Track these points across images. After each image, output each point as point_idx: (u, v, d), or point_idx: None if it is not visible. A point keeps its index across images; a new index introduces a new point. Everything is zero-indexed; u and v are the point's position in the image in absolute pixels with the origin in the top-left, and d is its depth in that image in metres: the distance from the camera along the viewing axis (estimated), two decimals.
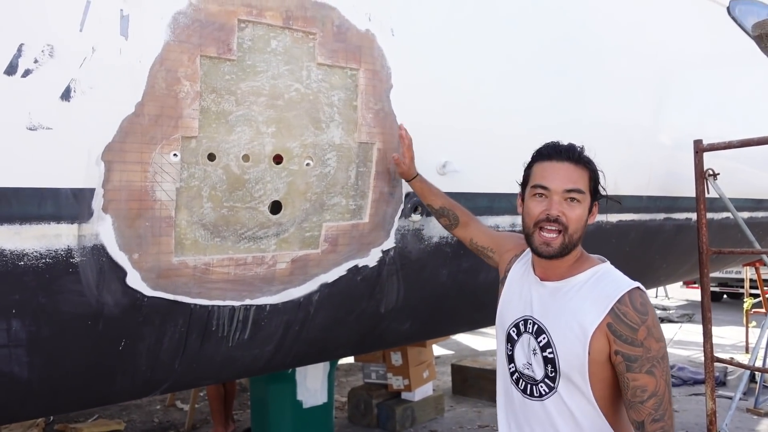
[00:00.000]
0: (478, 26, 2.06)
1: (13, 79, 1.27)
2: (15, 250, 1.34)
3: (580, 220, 1.35)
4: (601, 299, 1.30)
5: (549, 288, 1.40)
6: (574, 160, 1.38)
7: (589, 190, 1.38)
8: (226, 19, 1.52)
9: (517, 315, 1.45)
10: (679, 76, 2.95)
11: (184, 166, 1.52)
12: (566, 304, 1.35)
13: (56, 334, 1.48)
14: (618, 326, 1.27)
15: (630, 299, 1.29)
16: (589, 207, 1.38)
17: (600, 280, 1.35)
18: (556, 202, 1.35)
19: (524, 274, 1.50)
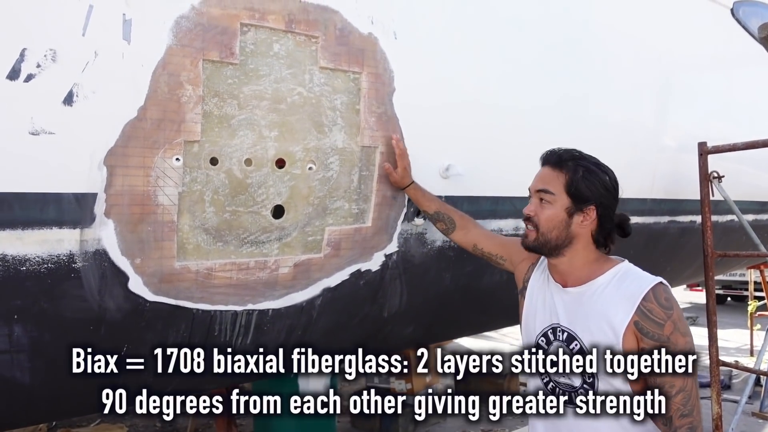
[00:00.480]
0: (481, 29, 2.05)
1: (16, 83, 1.27)
2: (17, 255, 1.34)
3: (550, 220, 1.41)
4: (627, 298, 1.32)
5: (572, 294, 1.42)
6: (551, 164, 1.46)
7: (566, 192, 1.41)
8: (228, 23, 1.52)
9: (545, 324, 1.46)
10: (684, 77, 2.94)
11: (187, 170, 1.52)
12: (593, 307, 1.37)
13: (58, 339, 1.47)
14: (645, 323, 1.30)
15: (654, 295, 1.31)
16: (568, 208, 1.41)
17: (623, 280, 1.37)
18: (531, 203, 1.47)
19: (544, 282, 1.52)
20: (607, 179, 1.43)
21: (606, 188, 1.42)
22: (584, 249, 1.43)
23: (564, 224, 1.41)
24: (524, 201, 2.31)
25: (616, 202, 1.45)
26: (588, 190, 1.40)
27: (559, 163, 1.44)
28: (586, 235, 1.43)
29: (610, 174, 1.45)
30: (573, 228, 1.41)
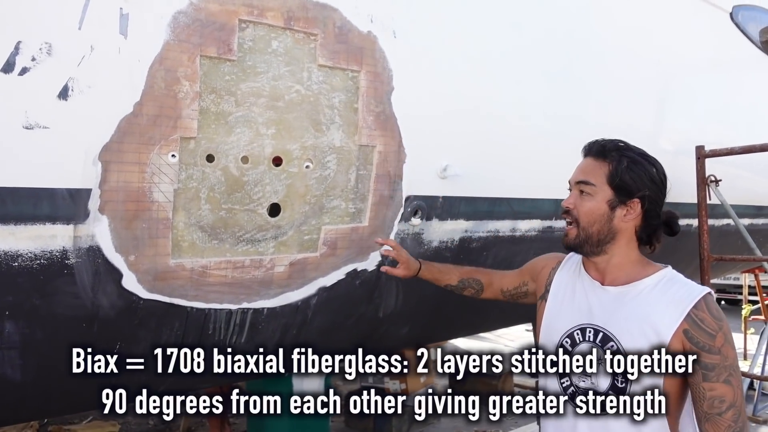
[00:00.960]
0: (480, 29, 2.04)
1: (10, 77, 1.25)
2: (9, 250, 1.32)
3: (591, 213, 1.33)
4: (675, 304, 1.26)
5: (612, 293, 1.34)
6: (593, 154, 1.38)
7: (609, 184, 1.33)
8: (226, 19, 1.50)
9: (572, 323, 1.37)
10: (682, 81, 2.94)
11: (183, 167, 1.50)
12: (636, 309, 1.29)
13: (50, 336, 1.46)
14: (696, 333, 1.23)
15: (706, 304, 1.25)
16: (611, 201, 1.32)
17: (670, 285, 1.30)
18: (570, 195, 1.39)
19: (574, 280, 1.44)
20: (654, 171, 1.35)
21: (653, 180, 1.34)
22: (627, 246, 1.35)
23: (606, 218, 1.33)
24: (521, 202, 2.31)
25: (663, 197, 1.37)
26: (632, 181, 1.31)
27: (603, 153, 1.35)
28: (629, 231, 1.34)
29: (658, 166, 1.37)
30: (615, 222, 1.33)
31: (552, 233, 2.42)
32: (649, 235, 1.38)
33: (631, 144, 1.39)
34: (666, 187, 1.38)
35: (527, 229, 2.34)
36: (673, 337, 1.24)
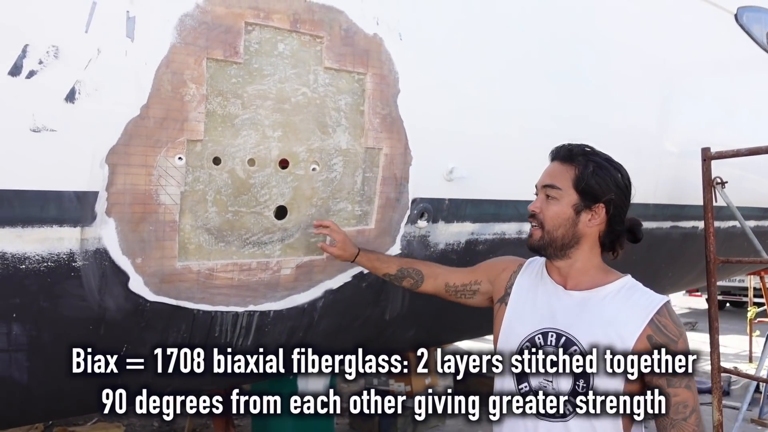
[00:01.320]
0: (485, 31, 2.04)
1: (18, 80, 1.26)
2: (17, 253, 1.32)
3: (556, 217, 1.34)
4: (639, 310, 1.28)
5: (576, 297, 1.35)
6: (560, 158, 1.39)
7: (575, 188, 1.34)
8: (233, 22, 1.50)
9: (534, 328, 1.36)
10: (687, 83, 2.93)
11: (189, 169, 1.50)
12: (600, 314, 1.30)
13: (57, 338, 1.46)
14: (658, 338, 1.25)
15: (668, 311, 1.28)
16: (576, 205, 1.34)
17: (632, 292, 1.32)
18: (537, 199, 1.40)
19: (536, 284, 1.44)
20: (620, 177, 1.36)
21: (618, 186, 1.35)
22: (590, 251, 1.36)
23: (570, 222, 1.34)
24: (527, 205, 2.30)
25: (628, 203, 1.38)
26: (598, 186, 1.33)
27: (569, 158, 1.37)
28: (593, 237, 1.36)
29: (623, 171, 1.38)
30: (580, 227, 1.34)
31: None
32: (612, 242, 1.38)
33: (597, 149, 1.40)
34: (630, 192, 1.39)
35: None
36: (637, 342, 1.25)
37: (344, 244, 1.68)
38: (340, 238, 1.67)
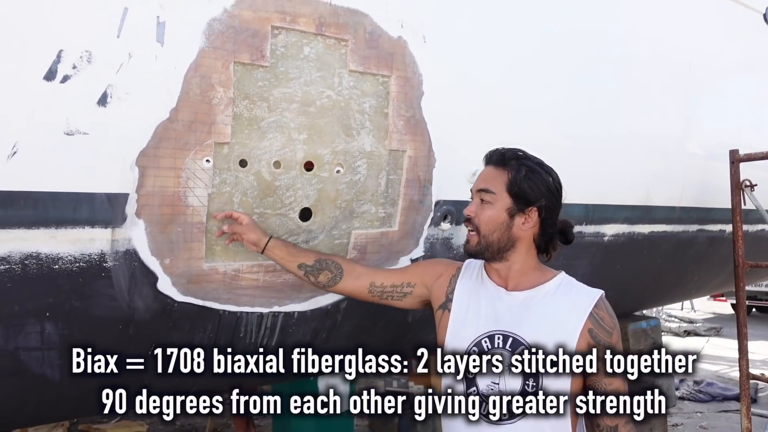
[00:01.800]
0: (509, 34, 2.03)
1: (52, 84, 1.29)
2: (50, 253, 1.35)
3: (491, 221, 1.37)
4: (578, 305, 1.33)
5: (519, 297, 1.38)
6: (493, 163, 1.42)
7: (508, 192, 1.37)
8: (259, 26, 1.52)
9: (479, 332, 1.37)
10: (714, 84, 2.88)
11: (216, 172, 1.52)
12: (543, 312, 1.35)
13: (88, 337, 1.49)
14: (598, 331, 1.31)
15: (603, 304, 1.34)
16: (510, 209, 1.37)
17: (569, 288, 1.38)
18: (472, 203, 1.43)
19: (477, 288, 1.44)
20: (551, 180, 1.40)
21: (549, 189, 1.38)
22: (526, 253, 1.40)
23: (505, 226, 1.37)
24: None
25: (559, 206, 1.42)
26: (530, 190, 1.36)
27: (502, 162, 1.40)
28: (528, 239, 1.39)
29: (554, 175, 1.42)
30: (514, 230, 1.38)
31: (582, 238, 2.39)
32: (546, 243, 1.43)
33: (529, 153, 1.43)
34: (561, 195, 1.42)
35: None
36: (580, 336, 1.30)
37: (251, 230, 1.50)
38: (246, 221, 1.51)
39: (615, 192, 2.46)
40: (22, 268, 1.32)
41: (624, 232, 2.56)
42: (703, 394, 5.50)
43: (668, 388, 3.25)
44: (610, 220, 2.47)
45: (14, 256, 1.31)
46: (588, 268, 2.52)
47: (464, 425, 1.36)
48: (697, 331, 9.24)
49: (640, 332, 3.22)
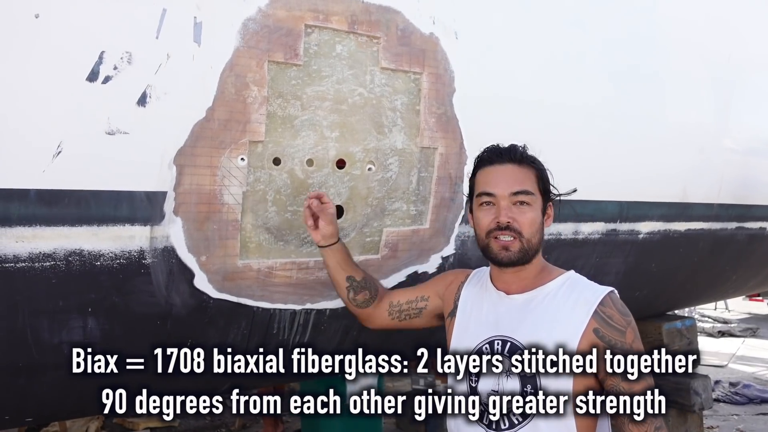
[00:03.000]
0: (542, 28, 2.00)
1: (94, 85, 1.32)
2: (93, 250, 1.39)
3: (533, 224, 1.29)
4: (581, 304, 1.24)
5: (519, 300, 1.32)
6: (516, 161, 1.32)
7: (539, 191, 1.32)
8: (293, 25, 1.53)
9: (480, 339, 1.32)
10: (754, 77, 2.79)
11: (251, 170, 1.54)
12: (542, 314, 1.27)
13: (127, 332, 1.52)
14: (605, 330, 1.22)
15: (612, 301, 1.24)
16: (542, 209, 1.33)
17: (574, 286, 1.29)
18: (505, 208, 1.29)
19: (480, 295, 1.40)
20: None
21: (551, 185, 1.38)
22: (540, 253, 1.36)
23: (541, 227, 1.32)
24: (584, 204, 2.25)
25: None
26: (550, 186, 1.36)
27: (523, 159, 1.34)
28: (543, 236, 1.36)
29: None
30: (543, 229, 1.34)
31: (616, 236, 2.35)
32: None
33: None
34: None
35: (590, 232, 2.28)
36: (583, 337, 1.21)
37: (330, 225, 1.51)
38: (328, 219, 1.50)
39: (650, 189, 2.41)
40: (66, 265, 1.36)
41: (660, 229, 2.51)
42: (740, 396, 5.34)
43: (704, 389, 3.17)
44: (645, 217, 2.42)
45: (59, 252, 1.35)
46: (622, 267, 2.47)
47: (466, 428, 1.31)
48: (732, 332, 8.97)
49: (675, 332, 3.15)
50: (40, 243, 1.32)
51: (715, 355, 7.07)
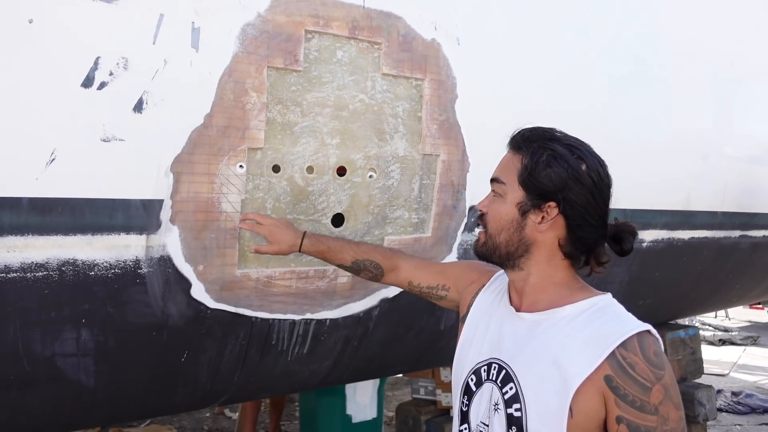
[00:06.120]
0: (545, 35, 1.98)
1: (89, 91, 1.29)
2: (87, 260, 1.35)
3: (497, 219, 1.09)
4: (598, 340, 0.97)
5: (527, 320, 1.08)
6: (513, 146, 1.12)
7: (520, 182, 1.06)
8: (293, 30, 1.51)
9: (480, 358, 1.11)
10: (757, 84, 2.77)
11: (250, 177, 1.51)
12: (547, 342, 1.02)
13: (122, 344, 1.48)
14: (621, 381, 0.94)
15: (640, 344, 0.96)
16: (521, 204, 1.07)
17: (598, 315, 1.02)
18: (486, 196, 1.15)
19: (492, 307, 1.18)
20: (584, 168, 1.04)
21: (578, 179, 1.03)
22: (548, 263, 1.08)
23: (515, 225, 1.07)
24: None
25: (600, 203, 1.06)
26: (548, 179, 1.03)
27: (521, 144, 1.09)
28: (549, 244, 1.07)
29: (590, 162, 1.06)
30: (527, 231, 1.07)
31: None
32: (587, 252, 1.09)
33: (568, 134, 1.11)
34: (604, 190, 1.06)
35: None
36: (587, 382, 0.95)
37: (275, 236, 1.40)
38: (266, 231, 1.41)
39: (654, 196, 2.38)
40: (59, 275, 1.32)
41: (663, 238, 2.48)
42: (742, 406, 5.29)
43: (709, 399, 3.13)
44: (648, 225, 2.40)
45: (52, 262, 1.31)
46: (625, 276, 2.44)
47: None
48: (733, 340, 8.93)
49: (678, 342, 3.12)
50: (32, 252, 1.29)
51: (716, 363, 7.02)
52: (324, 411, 3.35)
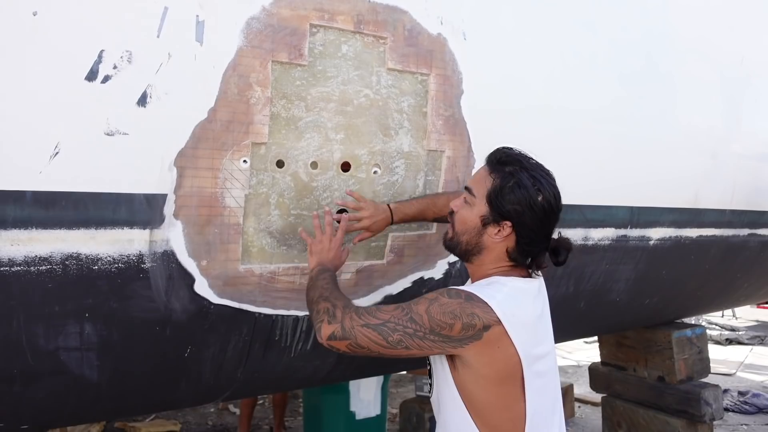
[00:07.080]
0: (552, 29, 1.96)
1: (93, 85, 1.28)
2: (90, 254, 1.35)
3: (464, 223, 1.36)
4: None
5: None
6: (489, 164, 1.38)
7: (487, 200, 1.32)
8: (298, 24, 1.49)
9: None
10: (767, 81, 2.74)
11: (253, 172, 1.50)
12: None
13: (126, 338, 1.48)
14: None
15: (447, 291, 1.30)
16: (484, 217, 1.33)
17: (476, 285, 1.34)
18: (459, 197, 1.41)
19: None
20: (539, 199, 1.30)
21: (532, 208, 1.29)
22: (492, 263, 1.36)
23: (476, 231, 1.35)
24: (594, 210, 2.20)
25: (546, 226, 1.33)
26: (510, 204, 1.29)
27: (496, 167, 1.35)
28: (497, 251, 1.35)
29: (546, 193, 1.31)
30: (485, 238, 1.35)
31: (626, 242, 2.30)
32: (532, 259, 1.37)
33: (534, 162, 1.35)
34: (552, 217, 1.33)
35: (600, 238, 2.23)
36: None
37: (378, 225, 1.60)
38: (375, 227, 1.60)
39: (662, 194, 2.36)
40: (62, 269, 1.32)
41: (671, 236, 2.46)
42: (749, 406, 5.25)
43: (715, 399, 3.10)
44: (656, 223, 2.37)
45: (55, 256, 1.31)
46: (632, 274, 2.42)
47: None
48: (740, 339, 8.85)
49: (684, 341, 3.09)
50: (36, 246, 1.29)
51: (723, 363, 6.97)
52: (328, 407, 3.35)
